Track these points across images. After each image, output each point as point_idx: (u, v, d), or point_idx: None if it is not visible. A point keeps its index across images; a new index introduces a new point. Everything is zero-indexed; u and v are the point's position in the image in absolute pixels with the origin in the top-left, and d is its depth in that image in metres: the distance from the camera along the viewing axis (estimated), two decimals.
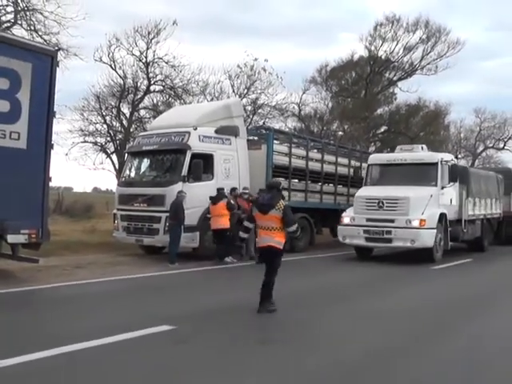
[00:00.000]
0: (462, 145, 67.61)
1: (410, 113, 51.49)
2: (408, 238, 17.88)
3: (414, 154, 20.62)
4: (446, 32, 48.76)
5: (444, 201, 19.34)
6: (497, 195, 26.04)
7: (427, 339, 8.25)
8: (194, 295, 11.66)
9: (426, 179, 19.37)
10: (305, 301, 11.22)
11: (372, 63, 49.26)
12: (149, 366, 6.62)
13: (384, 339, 8.29)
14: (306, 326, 9.02)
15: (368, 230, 18.57)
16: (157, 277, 14.35)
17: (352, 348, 7.69)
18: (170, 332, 8.19)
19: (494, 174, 26.96)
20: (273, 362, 6.92)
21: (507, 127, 68.55)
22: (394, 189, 19.14)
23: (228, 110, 19.50)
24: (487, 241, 24.64)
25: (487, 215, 24.48)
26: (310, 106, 47.18)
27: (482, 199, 23.49)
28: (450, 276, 16.15)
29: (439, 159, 19.75)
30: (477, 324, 9.50)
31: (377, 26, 48.83)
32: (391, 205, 18.43)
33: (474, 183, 22.51)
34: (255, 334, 8.41)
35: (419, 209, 18.12)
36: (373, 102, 49.31)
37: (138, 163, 19.45)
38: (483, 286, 14.46)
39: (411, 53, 49.13)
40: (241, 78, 36.24)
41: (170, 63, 33.37)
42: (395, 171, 20.37)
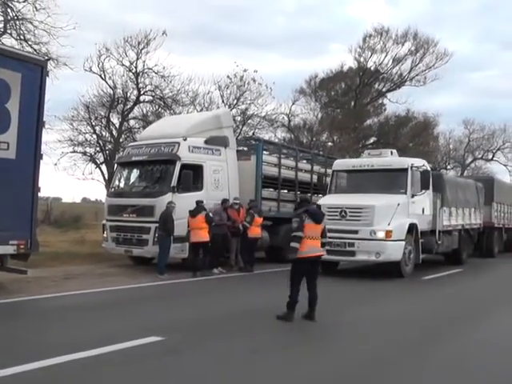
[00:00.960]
0: (451, 156, 67.91)
1: (399, 124, 51.76)
2: (372, 250, 16.46)
3: (381, 160, 19.17)
4: (435, 43, 49.16)
5: (415, 210, 17.87)
6: (476, 204, 24.65)
7: (418, 350, 8.29)
8: (183, 306, 11.63)
9: (395, 186, 17.97)
10: None
11: (361, 74, 49.51)
12: (137, 378, 6.60)
13: (379, 349, 8.31)
14: (295, 335, 9.01)
15: (330, 242, 15.17)
16: (146, 288, 14.30)
17: (346, 358, 7.71)
18: (158, 343, 8.15)
19: (473, 183, 25.67)
20: (265, 372, 6.93)
21: (496, 138, 68.99)
22: (358, 197, 17.90)
23: (218, 120, 19.51)
24: (466, 253, 23.16)
25: (465, 226, 22.98)
26: (300, 117, 47.38)
27: (459, 209, 22.11)
28: (440, 286, 16.19)
29: (409, 165, 18.19)
30: (468, 333, 9.51)
31: (366, 37, 49.15)
32: (355, 214, 16.95)
33: (450, 191, 21.11)
34: (245, 343, 8.37)
35: (385, 219, 16.64)
36: (362, 112, 49.54)
37: (128, 174, 19.40)
38: (474, 295, 14.50)
39: (400, 64, 49.48)
40: (230, 88, 36.35)
41: (159, 73, 33.35)
42: (362, 178, 19.04)
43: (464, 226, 22.70)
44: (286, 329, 9.59)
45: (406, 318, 10.86)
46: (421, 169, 18.51)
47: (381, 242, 16.40)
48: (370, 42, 49.05)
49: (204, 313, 10.79)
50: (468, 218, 23.33)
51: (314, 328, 9.72)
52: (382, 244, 16.38)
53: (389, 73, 50.11)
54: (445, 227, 20.28)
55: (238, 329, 9.44)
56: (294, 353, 7.98)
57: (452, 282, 17.59)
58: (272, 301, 11.74)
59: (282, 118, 43.20)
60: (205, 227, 16.37)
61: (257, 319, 10.27)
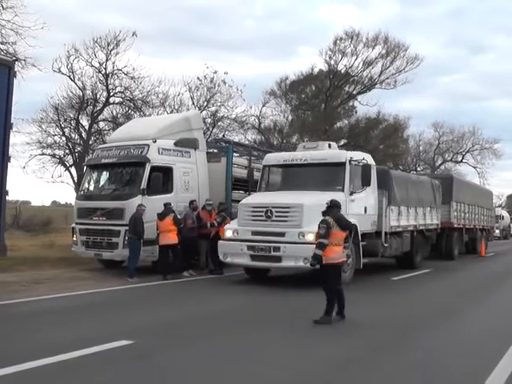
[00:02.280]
0: (421, 158, 68.82)
1: (370, 126, 52.18)
2: (300, 255, 14.13)
3: (316, 153, 17.17)
4: (405, 48, 49.70)
5: (355, 209, 15.88)
6: (432, 204, 23.15)
7: (385, 351, 8.32)
8: (153, 310, 11.54)
9: (331, 183, 16.15)
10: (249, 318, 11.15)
11: (332, 77, 49.77)
12: (106, 382, 6.55)
13: (345, 351, 8.30)
14: (263, 339, 8.99)
15: (253, 245, 15.02)
16: (116, 291, 14.18)
17: (312, 361, 7.66)
18: (128, 347, 8.09)
19: (427, 180, 24.18)
20: (231, 376, 6.88)
21: (465, 141, 70.29)
22: (286, 195, 16.20)
23: (187, 122, 19.43)
24: (420, 256, 21.64)
25: (419, 226, 21.37)
26: (270, 119, 47.56)
27: (410, 208, 20.48)
28: (408, 287, 16.30)
29: (347, 158, 16.35)
30: (432, 337, 9.55)
31: (336, 40, 49.46)
32: (281, 214, 14.99)
33: (399, 188, 19.37)
34: (215, 347, 8.33)
35: (316, 219, 12.78)
36: (332, 115, 49.82)
37: (97, 176, 19.23)
38: (441, 296, 14.61)
39: (370, 67, 49.91)
40: (201, 90, 36.41)
41: (129, 75, 33.30)
42: (295, 174, 17.41)
43: (417, 226, 21.17)
44: (253, 332, 9.55)
45: (375, 319, 10.90)
46: (361, 163, 16.53)
47: (310, 246, 13.02)
48: (341, 45, 49.39)
49: (174, 316, 10.74)
50: (422, 218, 21.77)
51: (282, 331, 9.68)
52: (312, 248, 12.43)
53: (359, 76, 50.49)
54: (393, 228, 18.61)
55: (208, 332, 9.38)
56: (262, 356, 7.93)
57: (420, 282, 17.72)
58: (241, 303, 11.81)
59: (252, 119, 43.40)
60: (173, 230, 16.27)
61: (227, 322, 10.27)
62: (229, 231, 15.82)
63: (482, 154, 70.78)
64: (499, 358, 7.72)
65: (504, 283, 18.11)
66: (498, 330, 10.11)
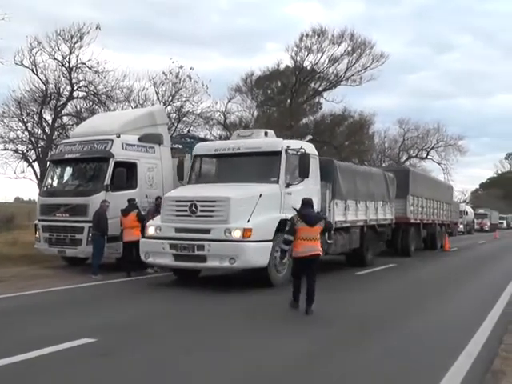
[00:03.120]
0: (386, 154, 69.45)
1: (335, 122, 52.49)
2: (226, 254, 13.21)
3: (250, 142, 15.86)
4: (371, 45, 50.01)
5: (292, 203, 13.77)
6: (385, 197, 21.98)
7: (345, 345, 8.33)
8: (117, 307, 11.45)
9: (266, 174, 15.05)
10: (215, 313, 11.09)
11: (297, 73, 49.87)
12: (69, 381, 6.45)
13: (306, 345, 8.29)
14: (228, 334, 8.92)
15: (176, 244, 13.82)
16: (79, 289, 14.00)
17: (274, 354, 7.64)
18: (91, 345, 7.99)
19: (380, 172, 22.78)
20: (196, 371, 6.83)
21: (430, 137, 71.32)
22: (214, 187, 15.13)
23: (152, 117, 19.25)
24: (371, 253, 20.54)
25: (370, 222, 20.30)
26: (236, 115, 47.44)
27: (360, 202, 19.32)
28: (372, 281, 16.39)
29: (283, 147, 15.09)
30: (392, 331, 9.63)
31: (303, 36, 49.57)
32: (207, 209, 13.76)
33: (345, 181, 18.16)
34: (179, 343, 8.27)
35: (245, 214, 13.31)
36: (298, 111, 49.97)
37: (61, 172, 18.96)
38: (404, 290, 14.72)
39: (336, 64, 50.11)
40: (166, 85, 36.06)
41: (93, 69, 32.77)
42: (227, 164, 16.17)
43: (368, 221, 20.06)
44: (219, 327, 9.50)
45: (337, 313, 11.02)
46: (299, 153, 15.10)
47: (236, 244, 13.13)
48: (307, 41, 49.53)
49: (137, 313, 10.63)
50: (373, 213, 20.65)
51: (250, 326, 9.66)
52: (238, 246, 13.11)
53: (325, 72, 50.65)
54: (338, 223, 17.37)
55: (172, 329, 9.34)
56: (227, 351, 7.87)
57: (384, 277, 17.87)
58: (206, 299, 11.76)
59: (217, 115, 43.19)
60: (137, 226, 16.02)
61: (190, 318, 10.25)
62: (151, 228, 14.59)
63: (446, 150, 71.97)
64: (458, 354, 7.79)
65: (465, 277, 18.29)
66: (459, 324, 10.28)
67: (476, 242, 43.39)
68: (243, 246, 13.10)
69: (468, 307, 12.37)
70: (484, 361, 7.50)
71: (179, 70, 35.27)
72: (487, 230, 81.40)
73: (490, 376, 6.82)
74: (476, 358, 7.64)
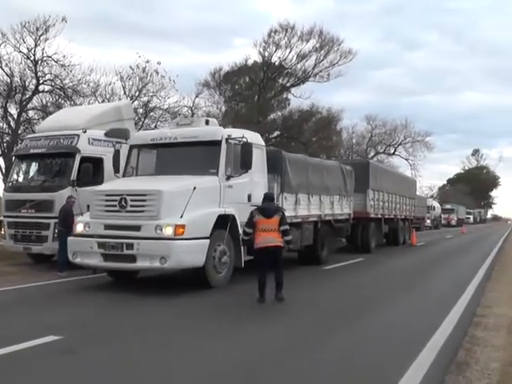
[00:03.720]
0: (354, 150, 69.96)
1: (303, 118, 52.67)
2: (157, 254, 12.07)
3: (187, 131, 14.70)
4: (339, 42, 50.40)
5: (234, 197, 13.69)
6: (342, 191, 20.99)
7: (305, 342, 8.33)
8: (83, 304, 11.29)
9: (205, 165, 13.92)
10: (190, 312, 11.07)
11: (265, 69, 49.99)
12: (34, 379, 6.38)
13: (273, 339, 8.32)
14: (197, 332, 8.90)
15: (104, 242, 12.60)
16: (45, 286, 13.83)
17: (241, 349, 7.66)
18: (56, 342, 7.89)
19: (336, 165, 21.67)
20: (159, 370, 6.77)
21: (397, 134, 72.28)
22: (146, 180, 14.29)
23: (118, 112, 19.08)
24: (327, 249, 19.42)
25: (325, 217, 19.27)
26: (203, 110, 47.18)
27: (313, 196, 18.24)
28: (340, 275, 16.48)
29: (223, 136, 14.00)
30: (355, 327, 9.64)
31: (271, 32, 49.73)
32: (137, 204, 12.62)
33: (296, 174, 17.08)
34: (141, 341, 8.20)
35: (178, 209, 12.19)
36: (266, 107, 50.06)
37: (26, 167, 18.73)
38: (371, 284, 14.82)
39: (304, 60, 50.40)
40: (133, 79, 35.79)
41: (59, 62, 32.33)
42: (164, 155, 15.02)
43: (323, 216, 19.01)
44: (186, 323, 9.49)
45: (302, 307, 11.04)
46: (241, 142, 14.02)
47: (167, 242, 12.04)
48: (275, 37, 49.74)
49: (104, 310, 10.56)
50: (329, 208, 19.66)
51: (217, 323, 9.62)
52: (169, 244, 12.01)
53: (293, 68, 50.94)
54: (288, 219, 14.85)
55: (139, 326, 9.25)
56: (195, 348, 7.84)
57: (352, 271, 18.02)
58: (169, 296, 11.68)
59: (185, 110, 42.91)
60: None
61: (158, 315, 10.15)
62: (79, 225, 13.35)
63: (413, 146, 72.97)
64: (423, 345, 7.87)
65: (432, 270, 18.45)
66: (424, 317, 10.37)
67: (443, 237, 43.97)
68: (175, 245, 11.97)
69: (434, 300, 12.48)
70: (448, 352, 7.59)
71: (146, 64, 35.05)
72: (454, 224, 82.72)
73: (453, 367, 6.90)
74: (440, 349, 7.72)
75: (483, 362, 7.17)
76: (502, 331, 9.06)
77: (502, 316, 10.33)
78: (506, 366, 7.00)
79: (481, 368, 6.89)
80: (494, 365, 7.05)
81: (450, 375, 6.59)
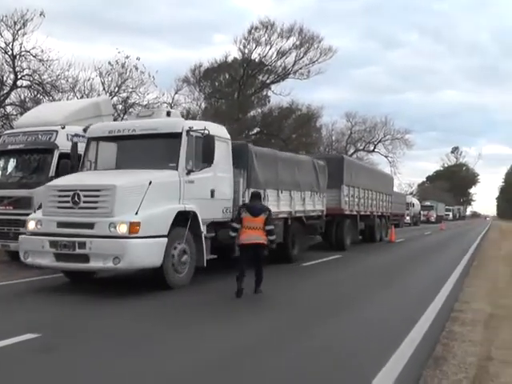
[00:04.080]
0: (334, 147, 70.16)
1: (283, 115, 52.77)
2: (110, 253, 11.27)
3: (147, 122, 13.93)
4: (319, 39, 50.53)
5: (196, 193, 13.00)
6: (315, 187, 20.30)
7: (281, 339, 8.36)
8: (62, 301, 11.17)
9: (164, 159, 13.16)
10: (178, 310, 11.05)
11: (245, 66, 50.00)
12: (14, 377, 6.33)
13: (250, 336, 8.33)
14: (175, 327, 8.88)
15: (56, 241, 11.79)
16: (23, 283, 13.64)
17: (217, 346, 7.66)
18: (34, 340, 7.82)
19: (308, 160, 21.00)
20: (141, 365, 6.76)
21: (377, 131, 72.73)
22: (101, 174, 13.49)
23: (97, 108, 18.93)
24: (298, 247, 18.79)
25: (296, 213, 18.55)
26: (183, 106, 47.13)
27: (282, 191, 17.54)
28: (318, 272, 16.52)
29: (184, 128, 13.14)
30: (332, 324, 9.71)
31: (251, 29, 49.72)
32: (90, 199, 11.79)
33: (263, 168, 16.34)
34: (122, 337, 8.18)
35: (133, 206, 11.41)
36: (246, 103, 50.07)
37: (4, 163, 18.54)
38: (349, 281, 14.93)
39: (284, 57, 50.42)
40: (112, 75, 35.58)
41: (38, 57, 32.04)
42: (124, 148, 14.10)
43: (293, 213, 18.28)
44: (159, 319, 9.50)
45: (281, 304, 11.09)
46: (203, 135, 13.15)
47: (121, 241, 11.27)
48: (255, 34, 49.76)
49: (81, 308, 10.43)
50: (300, 204, 18.95)
51: (195, 319, 9.62)
52: (123, 244, 11.23)
53: (273, 65, 51.01)
54: None
55: (117, 324, 9.22)
56: (174, 345, 7.84)
57: (330, 267, 18.11)
58: (151, 293, 11.63)
59: (164, 107, 42.79)
60: None
61: (138, 312, 10.12)
62: (31, 222, 12.53)
63: (393, 143, 73.52)
64: (402, 341, 7.94)
65: (411, 266, 18.67)
66: (403, 312, 10.51)
67: (422, 234, 44.29)
68: (129, 244, 11.19)
69: (412, 296, 12.58)
70: (426, 347, 7.65)
71: (125, 60, 34.89)
72: (433, 221, 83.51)
73: (431, 362, 6.95)
74: (418, 344, 7.79)
75: (460, 356, 7.23)
76: (479, 326, 9.14)
77: (479, 311, 10.42)
78: (482, 361, 7.07)
79: (458, 362, 6.95)
80: (471, 359, 7.12)
81: (428, 370, 6.63)
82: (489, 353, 7.45)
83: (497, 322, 9.58)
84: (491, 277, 15.90)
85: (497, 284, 14.50)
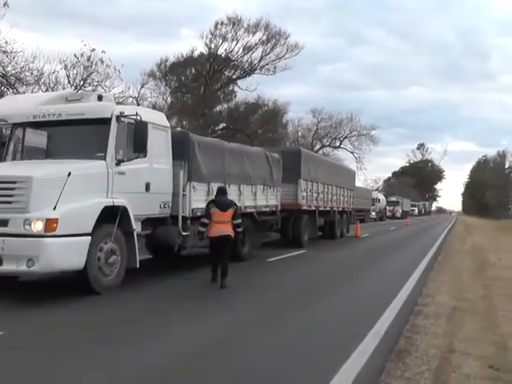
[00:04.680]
0: (300, 143, 70.33)
1: (249, 111, 52.80)
2: (23, 254, 9.78)
3: (73, 106, 12.26)
4: (286, 36, 50.69)
5: (127, 186, 11.64)
6: (268, 181, 18.99)
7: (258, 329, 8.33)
8: (25, 298, 10.92)
9: (92, 148, 11.76)
10: None
11: (212, 61, 49.88)
12: None
13: (216, 333, 8.24)
14: (138, 323, 8.77)
15: None
16: None
17: (185, 343, 7.57)
18: None
19: (260, 151, 19.62)
20: (109, 361, 6.68)
21: (343, 127, 73.19)
22: (19, 165, 12.16)
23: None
24: (248, 245, 17.35)
25: (246, 209, 17.07)
26: (149, 101, 46.73)
27: (230, 185, 15.61)
28: (283, 267, 16.53)
29: (113, 113, 11.67)
30: (306, 312, 9.72)
31: (218, 24, 49.56)
32: (4, 193, 10.22)
33: (207, 160, 14.77)
34: (88, 333, 8.03)
35: (52, 199, 10.00)
36: (212, 98, 49.96)
37: None
38: (313, 275, 14.90)
39: (251, 53, 50.41)
40: (77, 68, 35.08)
41: (1, 48, 31.40)
42: (51, 135, 12.66)
43: (243, 209, 16.48)
44: (132, 319, 9.33)
45: (246, 299, 10.99)
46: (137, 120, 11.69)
47: (35, 240, 9.78)
48: (222, 29, 49.62)
49: (44, 304, 10.11)
50: (251, 199, 17.70)
51: (163, 316, 9.51)
52: (38, 243, 9.77)
53: (239, 60, 50.94)
54: (197, 211, 13.98)
55: (83, 320, 9.04)
56: (140, 341, 7.73)
57: (295, 263, 17.98)
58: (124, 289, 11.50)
59: (130, 101, 42.43)
60: None
61: (105, 308, 9.96)
62: None
63: (359, 139, 74.02)
64: (366, 334, 7.97)
65: (376, 261, 18.75)
66: (368, 306, 10.52)
67: (388, 229, 44.58)
68: (44, 243, 9.74)
69: (376, 290, 12.57)
70: (390, 341, 7.66)
71: (91, 53, 34.38)
72: (399, 216, 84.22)
73: (394, 355, 6.96)
74: (382, 338, 7.81)
75: (423, 349, 7.26)
76: (441, 319, 9.19)
77: (442, 304, 10.49)
78: (445, 353, 7.10)
79: (420, 355, 6.98)
80: (434, 351, 7.15)
81: (391, 362, 6.64)
82: (451, 345, 7.50)
83: (460, 315, 9.66)
84: (455, 271, 16.05)
85: (461, 278, 14.63)
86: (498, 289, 12.68)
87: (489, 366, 6.60)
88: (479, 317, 9.50)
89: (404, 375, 6.21)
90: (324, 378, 6.10)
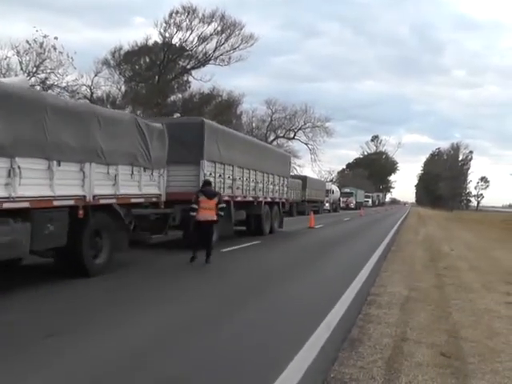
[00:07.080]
0: (254, 134, 70.41)
1: (204, 101, 52.72)
2: None
3: None
4: (241, 27, 50.57)
5: None
6: (141, 160, 13.69)
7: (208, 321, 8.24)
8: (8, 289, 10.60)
9: None
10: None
11: (166, 50, 49.51)
12: None
13: (171, 321, 8.14)
14: (90, 315, 8.58)
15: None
16: None
17: (140, 333, 7.46)
18: None
19: (127, 116, 14.46)
20: (63, 354, 6.52)
21: (297, 119, 73.44)
22: None
23: None
24: (106, 252, 12.34)
25: (99, 199, 11.88)
26: (102, 89, 46.25)
27: (60, 163, 10.57)
28: (237, 257, 16.44)
29: None
30: (266, 299, 9.70)
31: (172, 13, 49.20)
32: None
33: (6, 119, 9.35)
34: (42, 327, 7.79)
35: None
36: (166, 88, 49.67)
37: None
38: (265, 265, 14.82)
39: (205, 43, 50.23)
40: (30, 55, 34.51)
41: None
42: None
43: (90, 199, 11.56)
44: (80, 311, 9.13)
45: (199, 290, 10.92)
46: None
47: None
48: (177, 18, 49.28)
49: (32, 293, 9.96)
50: (110, 185, 12.47)
51: (119, 305, 9.34)
52: None
53: (194, 50, 50.68)
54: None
55: (35, 312, 8.77)
56: (92, 333, 7.54)
57: (249, 253, 17.91)
58: (72, 283, 11.27)
59: (84, 89, 41.87)
60: None
61: (55, 301, 9.67)
62: None
63: (313, 131, 74.52)
64: (318, 324, 7.95)
65: (329, 251, 18.82)
66: (320, 296, 10.57)
67: (341, 220, 44.88)
68: None
69: (329, 281, 12.60)
70: (342, 330, 7.64)
71: (43, 39, 33.86)
72: (353, 207, 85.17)
73: (347, 344, 6.93)
74: (335, 327, 7.79)
75: (375, 338, 7.26)
76: (394, 309, 9.22)
77: (395, 294, 10.54)
78: (397, 342, 7.12)
79: (373, 344, 6.97)
80: (386, 340, 7.15)
81: (344, 352, 6.62)
82: (404, 334, 7.52)
83: (412, 304, 9.72)
84: (408, 261, 16.19)
85: (414, 268, 14.75)
86: (450, 278, 12.83)
87: (441, 354, 6.64)
88: (432, 306, 9.59)
89: (357, 364, 6.19)
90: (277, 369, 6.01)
